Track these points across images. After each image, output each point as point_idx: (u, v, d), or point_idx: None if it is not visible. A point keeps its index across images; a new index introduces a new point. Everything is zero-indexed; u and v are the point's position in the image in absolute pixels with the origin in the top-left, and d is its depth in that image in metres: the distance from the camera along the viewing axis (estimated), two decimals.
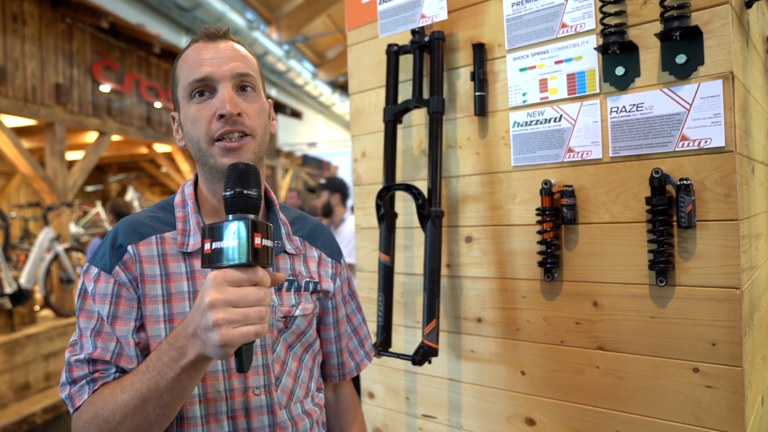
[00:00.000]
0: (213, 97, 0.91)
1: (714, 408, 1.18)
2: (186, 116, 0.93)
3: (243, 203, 0.74)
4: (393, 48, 1.61)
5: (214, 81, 0.91)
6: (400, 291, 1.72)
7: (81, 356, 0.86)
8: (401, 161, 1.70)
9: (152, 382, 0.77)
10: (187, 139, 0.95)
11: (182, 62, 0.95)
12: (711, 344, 1.18)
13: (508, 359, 1.49)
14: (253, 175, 0.76)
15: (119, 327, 0.88)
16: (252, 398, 0.91)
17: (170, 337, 0.77)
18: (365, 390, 1.85)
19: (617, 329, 1.30)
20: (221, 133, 0.89)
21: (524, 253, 1.45)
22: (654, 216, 1.20)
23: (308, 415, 1.01)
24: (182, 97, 0.94)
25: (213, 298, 0.69)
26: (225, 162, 0.90)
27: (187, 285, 0.91)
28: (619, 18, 1.26)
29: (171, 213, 0.97)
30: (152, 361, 0.78)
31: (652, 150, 1.23)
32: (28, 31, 5.41)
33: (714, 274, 1.17)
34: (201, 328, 0.71)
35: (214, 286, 0.70)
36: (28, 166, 5.37)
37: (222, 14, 11.02)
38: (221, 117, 0.89)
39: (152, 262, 0.91)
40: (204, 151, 0.91)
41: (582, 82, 1.34)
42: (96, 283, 0.89)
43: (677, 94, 1.20)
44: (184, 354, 0.74)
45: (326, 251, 1.11)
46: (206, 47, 0.93)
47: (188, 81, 0.91)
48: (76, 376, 0.86)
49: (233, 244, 0.70)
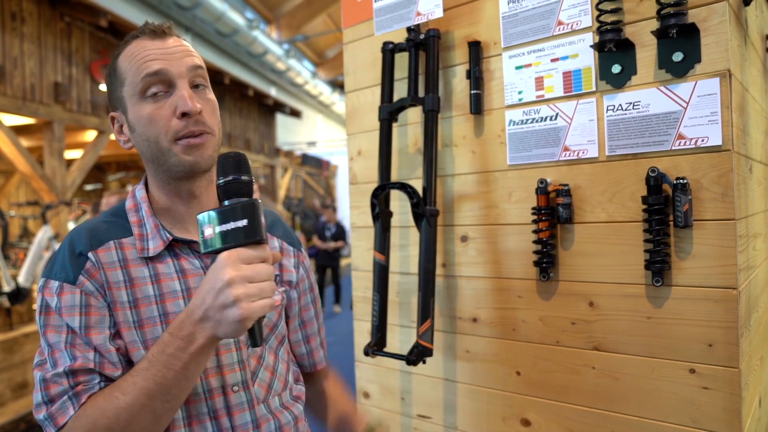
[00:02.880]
0: (169, 94, 0.88)
1: (710, 409, 1.16)
2: (139, 115, 0.88)
3: (240, 188, 0.77)
4: (388, 46, 1.59)
5: (171, 77, 0.87)
6: (395, 290, 1.71)
7: (58, 370, 0.80)
8: (396, 160, 1.69)
9: (159, 376, 0.76)
10: (141, 139, 0.90)
11: (126, 59, 0.89)
12: (708, 345, 1.16)
13: (504, 359, 1.48)
14: (245, 162, 0.79)
15: (95, 336, 0.83)
16: (231, 396, 0.90)
17: (171, 329, 0.77)
18: (360, 390, 1.84)
19: (613, 329, 1.29)
20: (185, 133, 0.87)
21: (520, 252, 1.44)
22: (650, 215, 1.19)
23: (286, 408, 1.00)
24: (131, 96, 0.88)
25: (232, 275, 0.72)
26: (188, 160, 0.88)
27: (152, 289, 0.88)
28: (615, 15, 1.24)
29: (125, 219, 0.93)
30: (155, 355, 0.77)
31: (648, 149, 1.22)
32: (26, 29, 5.39)
33: (711, 274, 1.16)
34: (216, 307, 0.73)
35: (230, 264, 0.73)
36: (27, 164, 5.36)
37: (221, 13, 10.99)
38: (183, 115, 0.86)
39: (114, 269, 0.87)
40: (164, 151, 0.88)
41: (578, 80, 1.32)
42: (60, 296, 0.84)
43: (674, 92, 1.19)
44: (192, 340, 0.75)
45: (287, 240, 1.09)
46: (153, 43, 0.89)
47: (140, 77, 0.87)
48: (55, 393, 0.80)
49: (243, 224, 0.74)
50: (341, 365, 1.28)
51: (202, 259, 0.93)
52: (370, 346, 1.53)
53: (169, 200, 0.94)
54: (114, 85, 0.92)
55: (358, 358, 1.83)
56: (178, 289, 0.89)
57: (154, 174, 0.94)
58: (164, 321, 0.87)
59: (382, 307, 1.55)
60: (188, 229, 0.95)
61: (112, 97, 0.93)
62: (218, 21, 11.19)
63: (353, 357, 1.87)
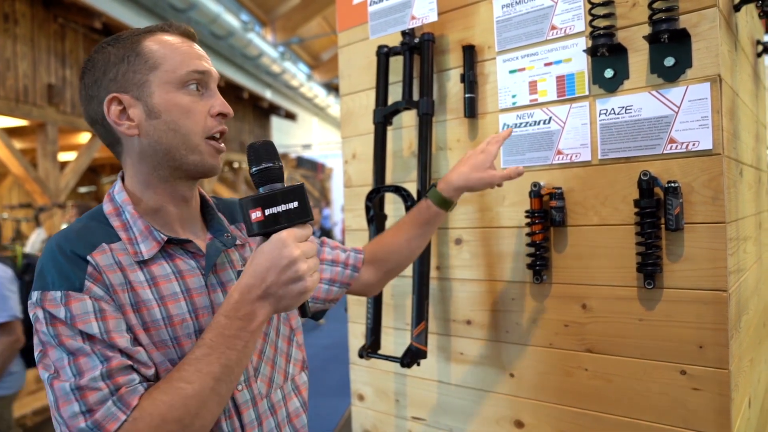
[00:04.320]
0: (203, 95, 0.90)
1: (701, 410, 1.18)
2: (173, 103, 0.87)
3: (275, 174, 0.81)
4: (383, 49, 1.60)
5: (210, 79, 0.91)
6: (389, 293, 1.72)
7: (94, 374, 0.75)
8: (391, 163, 1.70)
9: (223, 358, 0.77)
10: (166, 128, 0.87)
11: (163, 46, 0.88)
12: (698, 347, 1.18)
13: (497, 361, 1.49)
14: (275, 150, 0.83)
15: (118, 339, 0.78)
16: (237, 395, 0.91)
17: (225, 311, 0.78)
18: (355, 392, 1.84)
19: (606, 332, 1.30)
20: (218, 130, 0.91)
21: (513, 255, 1.45)
22: (642, 218, 1.20)
23: (286, 402, 1.00)
24: (164, 82, 0.87)
25: (297, 252, 0.77)
26: (211, 163, 0.91)
27: (151, 293, 0.85)
28: (608, 20, 1.26)
29: (106, 223, 0.88)
30: (214, 339, 0.77)
31: (640, 152, 1.23)
32: (20, 30, 5.38)
33: (701, 276, 1.17)
34: (281, 283, 0.77)
35: (291, 243, 0.78)
36: (20, 167, 5.34)
37: (216, 15, 10.98)
38: (220, 115, 0.91)
39: (114, 271, 0.83)
40: (192, 146, 0.88)
41: (571, 84, 1.34)
42: (68, 306, 0.78)
43: (665, 97, 1.20)
44: (252, 318, 0.78)
45: None
46: (189, 43, 0.92)
47: (185, 69, 0.88)
48: (94, 401, 0.74)
49: (294, 206, 0.79)
50: (335, 367, 1.27)
51: (198, 260, 0.92)
52: (365, 348, 1.54)
53: (160, 201, 0.92)
54: (133, 66, 0.87)
55: (353, 360, 1.83)
56: (177, 291, 0.87)
57: (152, 171, 0.90)
58: (168, 324, 0.85)
59: (376, 310, 1.55)
60: (177, 231, 0.93)
61: (124, 78, 0.87)
62: (213, 23, 11.17)
63: (348, 359, 1.87)
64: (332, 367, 5.41)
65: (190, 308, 0.88)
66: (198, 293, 0.89)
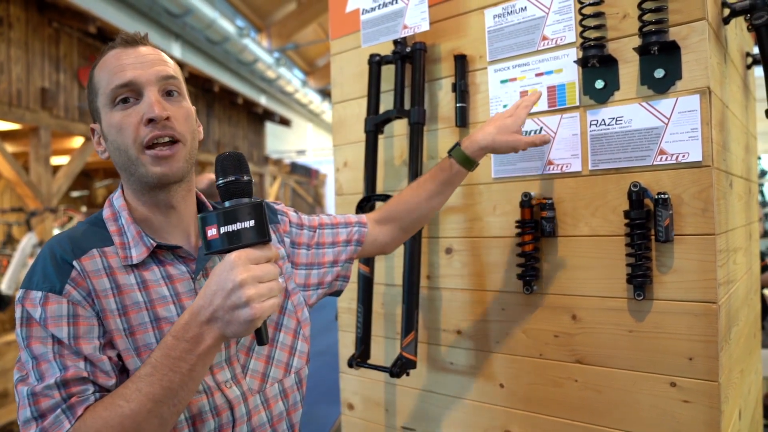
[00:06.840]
0: (138, 102, 0.89)
1: (691, 422, 1.17)
2: (110, 124, 0.90)
3: (241, 188, 0.77)
4: (375, 58, 1.60)
5: (140, 86, 0.89)
6: (380, 302, 1.71)
7: (48, 382, 0.77)
8: (382, 171, 1.69)
9: (165, 380, 0.74)
10: (113, 148, 0.92)
11: (100, 70, 0.91)
12: (688, 359, 1.17)
13: (487, 372, 1.48)
14: (244, 162, 0.79)
15: (85, 346, 0.81)
16: (227, 391, 0.91)
17: (174, 332, 0.76)
18: (345, 401, 1.83)
19: (595, 343, 1.29)
20: (150, 138, 0.88)
21: (504, 265, 1.44)
22: (632, 230, 1.20)
23: (287, 394, 1.00)
24: (104, 105, 0.91)
25: (243, 276, 0.72)
26: (156, 171, 0.89)
27: (140, 296, 0.88)
28: (598, 32, 1.26)
29: (104, 228, 0.93)
30: (158, 360, 0.75)
31: (630, 163, 1.24)
32: (14, 34, 5.35)
33: (691, 288, 1.17)
34: (226, 308, 0.73)
35: (240, 265, 0.73)
36: (12, 170, 5.30)
37: (212, 21, 10.97)
38: (150, 121, 0.88)
39: (100, 276, 0.86)
40: (133, 160, 0.89)
41: (562, 95, 1.34)
42: (45, 307, 0.81)
43: (655, 108, 1.21)
44: (199, 342, 0.75)
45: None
46: (126, 53, 0.91)
47: (110, 87, 0.89)
48: (46, 407, 0.76)
49: (250, 225, 0.74)
50: (325, 376, 1.26)
51: (188, 264, 0.93)
52: (354, 357, 1.53)
53: (147, 210, 0.94)
54: (91, 97, 0.94)
55: (343, 369, 1.82)
56: (167, 295, 0.89)
57: (128, 183, 0.95)
58: (156, 327, 0.87)
59: (366, 319, 1.55)
60: (167, 239, 0.95)
61: (91, 108, 0.95)
62: (209, 29, 11.17)
63: (338, 368, 1.86)
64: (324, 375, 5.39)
65: (179, 312, 0.89)
66: (187, 297, 0.91)
